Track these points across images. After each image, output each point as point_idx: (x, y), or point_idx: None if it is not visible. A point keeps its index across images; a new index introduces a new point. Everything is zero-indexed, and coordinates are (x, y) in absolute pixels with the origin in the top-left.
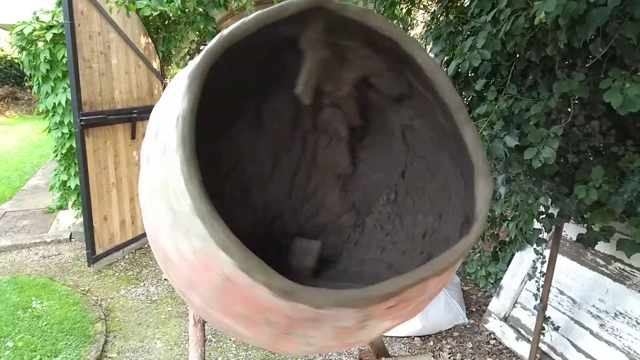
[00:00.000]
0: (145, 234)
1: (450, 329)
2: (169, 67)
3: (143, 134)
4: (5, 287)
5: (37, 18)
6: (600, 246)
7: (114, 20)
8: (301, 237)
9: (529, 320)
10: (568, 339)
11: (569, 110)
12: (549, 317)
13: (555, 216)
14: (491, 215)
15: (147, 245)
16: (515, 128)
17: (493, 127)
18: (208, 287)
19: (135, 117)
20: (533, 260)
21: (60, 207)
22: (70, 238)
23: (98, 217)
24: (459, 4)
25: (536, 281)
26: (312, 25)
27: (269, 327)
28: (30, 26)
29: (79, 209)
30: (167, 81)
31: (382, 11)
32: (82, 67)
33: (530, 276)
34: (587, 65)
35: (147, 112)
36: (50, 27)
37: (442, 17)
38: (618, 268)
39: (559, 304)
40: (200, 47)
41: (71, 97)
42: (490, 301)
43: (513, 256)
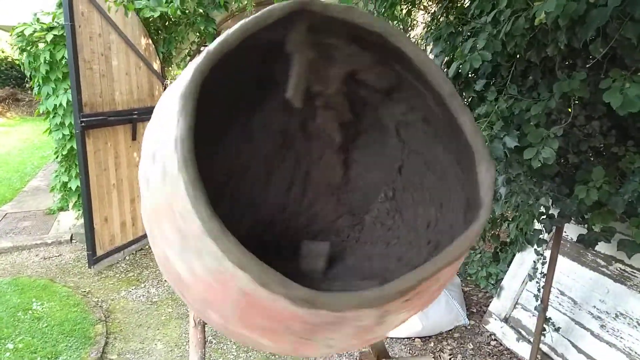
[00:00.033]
0: (146, 235)
1: (450, 330)
2: (170, 68)
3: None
4: (6, 288)
5: (37, 19)
6: (601, 247)
7: (114, 21)
8: (297, 242)
9: (530, 321)
10: (569, 340)
11: (570, 110)
12: (550, 318)
13: (556, 217)
14: (492, 215)
15: (147, 247)
16: (516, 129)
17: (493, 127)
18: (226, 305)
19: (136, 118)
20: (534, 261)
21: (61, 209)
22: (71, 239)
23: (99, 219)
24: (459, 5)
25: (537, 282)
26: (296, 28)
27: (289, 335)
28: (30, 27)
29: (79, 210)
30: (168, 82)
31: (382, 12)
32: (83, 69)
33: (530, 277)
34: (587, 66)
35: (148, 113)
36: (51, 29)
37: (442, 18)
38: (619, 269)
39: (560, 304)
40: (201, 48)
41: (72, 99)
42: (490, 302)
43: (514, 257)
